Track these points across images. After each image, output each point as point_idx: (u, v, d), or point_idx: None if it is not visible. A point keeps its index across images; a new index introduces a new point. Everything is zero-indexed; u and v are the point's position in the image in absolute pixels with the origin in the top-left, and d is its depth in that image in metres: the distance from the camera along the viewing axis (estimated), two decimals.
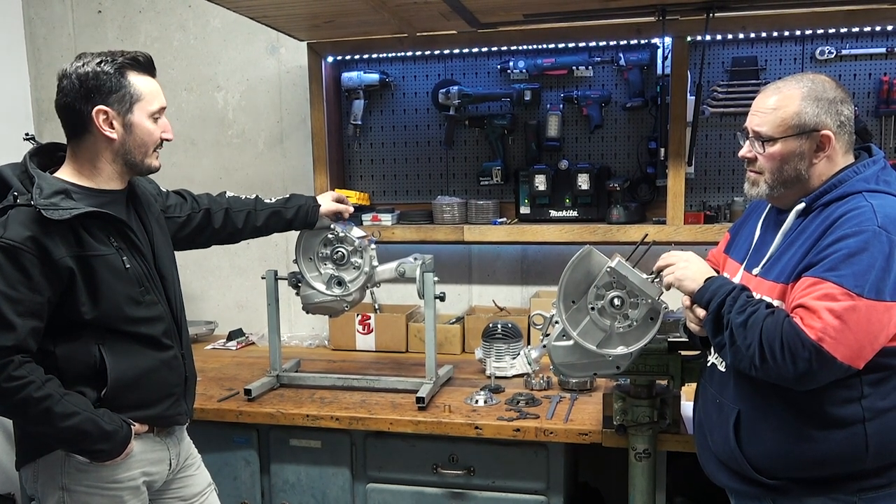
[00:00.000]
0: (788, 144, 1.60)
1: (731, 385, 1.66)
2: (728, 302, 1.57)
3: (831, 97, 1.59)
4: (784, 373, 1.48)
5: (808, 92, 1.60)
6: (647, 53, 2.75)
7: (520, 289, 3.12)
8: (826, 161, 1.61)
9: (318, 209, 2.36)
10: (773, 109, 1.61)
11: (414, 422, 2.27)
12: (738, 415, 1.63)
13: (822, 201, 1.59)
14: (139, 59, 1.73)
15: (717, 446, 1.70)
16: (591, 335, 1.81)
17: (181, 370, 1.88)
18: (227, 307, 3.44)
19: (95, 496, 1.75)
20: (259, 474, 2.46)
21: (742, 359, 1.53)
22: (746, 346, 1.51)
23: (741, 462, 1.64)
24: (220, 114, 3.34)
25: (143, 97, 1.72)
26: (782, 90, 1.62)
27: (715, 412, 1.71)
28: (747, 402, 1.63)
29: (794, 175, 1.62)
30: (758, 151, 1.64)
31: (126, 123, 1.71)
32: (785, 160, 1.61)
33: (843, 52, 2.62)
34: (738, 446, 1.63)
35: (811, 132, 1.59)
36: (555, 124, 2.86)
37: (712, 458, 1.74)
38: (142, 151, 1.75)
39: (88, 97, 1.67)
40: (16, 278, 1.59)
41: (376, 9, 2.42)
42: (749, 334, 1.51)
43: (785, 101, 1.60)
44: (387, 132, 3.09)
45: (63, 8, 3.43)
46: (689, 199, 2.75)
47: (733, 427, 1.64)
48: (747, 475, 1.64)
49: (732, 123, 2.76)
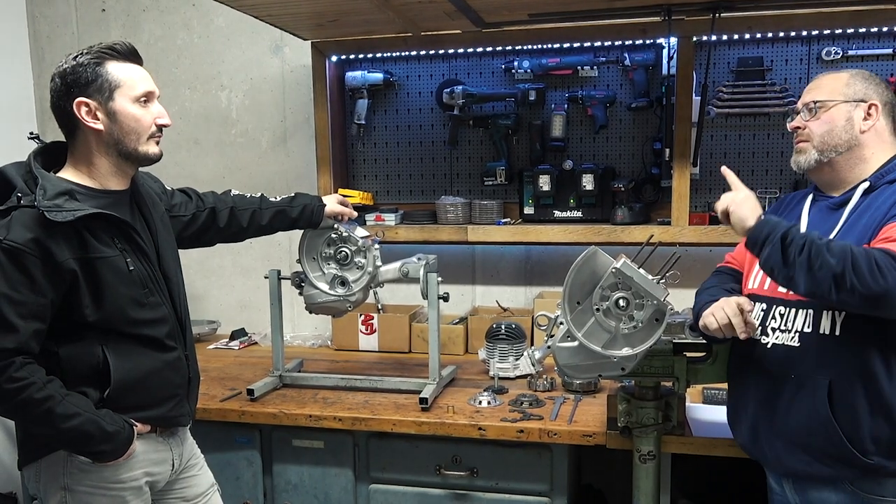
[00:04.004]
0: (838, 108, 1.71)
1: (811, 357, 1.64)
2: (794, 231, 1.57)
3: (877, 81, 1.74)
4: (870, 289, 1.45)
5: (856, 73, 1.75)
6: (652, 53, 2.74)
7: (523, 289, 3.11)
8: (874, 134, 1.70)
9: (322, 209, 2.35)
10: (824, 84, 1.75)
11: (417, 423, 2.26)
12: (829, 386, 1.61)
13: (888, 179, 1.66)
14: (117, 48, 1.71)
15: (795, 425, 1.66)
16: (596, 336, 1.80)
17: (185, 371, 1.87)
18: (229, 307, 3.44)
19: (98, 496, 1.75)
20: (261, 475, 2.45)
21: (822, 280, 1.50)
22: (832, 264, 1.48)
23: (833, 435, 1.60)
24: (223, 113, 3.33)
25: (123, 83, 1.70)
26: (832, 71, 1.78)
27: (791, 390, 1.68)
28: (836, 373, 1.61)
29: (845, 139, 1.70)
30: (807, 121, 1.74)
31: (109, 112, 1.69)
32: (834, 123, 1.70)
33: (850, 52, 2.61)
34: (832, 418, 1.60)
35: (859, 101, 1.70)
36: (559, 124, 2.85)
37: (781, 441, 1.70)
38: (132, 139, 1.72)
39: (69, 92, 1.67)
40: (18, 280, 1.58)
41: (381, 8, 2.41)
42: (834, 253, 1.49)
43: (836, 78, 1.75)
44: (391, 132, 3.09)
45: (67, 6, 3.43)
46: (694, 199, 2.74)
47: (826, 399, 1.61)
48: (835, 452, 1.61)
49: (738, 124, 2.75)
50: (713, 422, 2.12)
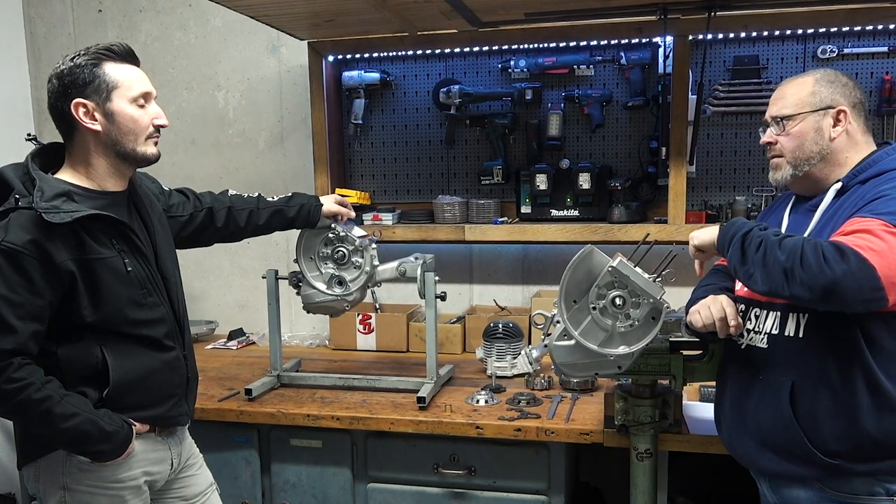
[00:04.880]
0: (806, 121, 1.69)
1: (777, 359, 1.66)
2: (755, 230, 1.59)
3: (843, 82, 1.71)
4: (817, 280, 1.43)
5: (821, 77, 1.72)
6: (648, 52, 2.75)
7: (521, 288, 3.12)
8: (846, 138, 1.68)
9: (320, 208, 2.35)
10: (789, 94, 1.73)
11: (415, 421, 2.27)
12: (792, 387, 1.62)
13: (860, 179, 1.64)
14: (114, 49, 1.72)
15: (763, 425, 1.68)
16: (593, 335, 1.81)
17: (183, 371, 1.87)
18: (227, 307, 3.44)
19: (97, 496, 1.75)
20: (260, 474, 2.46)
21: (775, 276, 1.49)
22: (783, 259, 1.48)
23: (795, 435, 1.61)
24: (220, 113, 3.33)
25: (121, 84, 1.70)
26: (797, 79, 1.75)
27: (759, 390, 1.69)
28: (799, 374, 1.62)
29: (816, 151, 1.68)
30: (777, 134, 1.73)
31: (107, 113, 1.69)
32: (804, 136, 1.69)
33: (845, 50, 2.62)
34: (794, 418, 1.62)
35: (827, 108, 1.68)
36: (556, 123, 2.85)
37: (752, 440, 1.71)
38: (130, 139, 1.73)
39: (66, 93, 1.67)
40: (17, 282, 1.58)
41: (377, 7, 2.41)
42: (786, 247, 1.49)
43: (800, 86, 1.72)
44: (388, 131, 3.09)
45: (63, 7, 3.43)
46: (690, 198, 2.74)
47: (788, 399, 1.62)
48: (799, 452, 1.62)
49: (734, 122, 2.76)
50: (710, 420, 2.11)
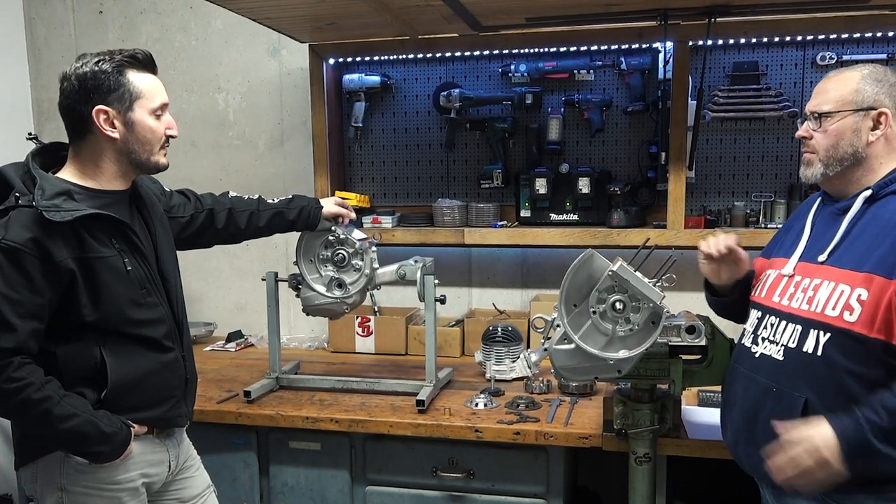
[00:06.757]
0: (845, 120, 1.61)
1: (792, 373, 1.62)
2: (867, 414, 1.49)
3: (892, 81, 1.61)
4: None
5: (868, 73, 1.62)
6: (648, 58, 2.75)
7: (520, 292, 3.12)
8: (884, 143, 1.61)
9: (320, 211, 2.36)
10: (832, 89, 1.64)
11: (414, 424, 2.26)
12: (805, 403, 1.59)
13: (892, 189, 1.58)
14: (138, 56, 1.72)
15: (771, 437, 1.63)
16: (593, 339, 1.81)
17: (182, 372, 1.87)
18: (226, 309, 3.43)
19: (94, 497, 1.75)
20: (258, 476, 2.45)
21: None
22: None
23: None
24: (220, 115, 3.34)
25: (144, 94, 1.71)
26: (843, 73, 1.65)
27: (772, 401, 1.66)
28: (814, 392, 1.58)
29: (851, 153, 1.61)
30: (814, 130, 1.65)
31: (127, 122, 1.70)
32: (840, 136, 1.61)
33: (844, 57, 2.63)
34: None
35: (868, 109, 1.59)
36: (556, 128, 2.86)
37: (757, 449, 1.68)
38: (146, 149, 1.74)
39: (88, 97, 1.67)
40: (17, 280, 1.58)
41: (378, 11, 2.42)
42: None
43: (844, 81, 1.63)
44: (388, 134, 3.09)
45: (64, 8, 3.43)
46: (689, 203, 2.75)
47: (801, 416, 1.58)
48: None
49: (733, 128, 2.77)
50: (709, 424, 2.13)
